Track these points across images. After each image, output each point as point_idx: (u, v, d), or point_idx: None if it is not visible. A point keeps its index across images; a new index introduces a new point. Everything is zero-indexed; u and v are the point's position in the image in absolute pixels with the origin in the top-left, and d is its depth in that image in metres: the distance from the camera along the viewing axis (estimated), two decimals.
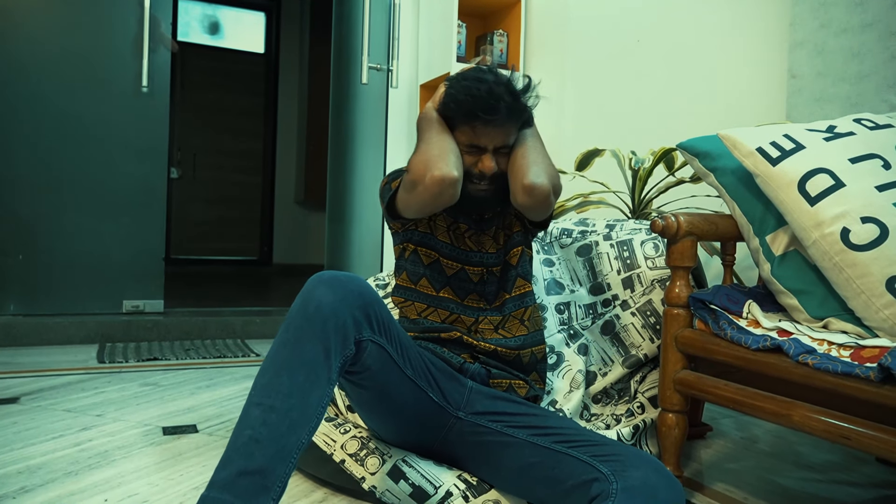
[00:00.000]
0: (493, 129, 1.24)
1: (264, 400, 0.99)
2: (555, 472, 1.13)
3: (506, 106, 1.22)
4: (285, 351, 1.03)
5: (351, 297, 1.07)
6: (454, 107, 1.25)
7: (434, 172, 1.19)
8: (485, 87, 1.21)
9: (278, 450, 0.97)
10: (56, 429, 1.72)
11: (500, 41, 3.24)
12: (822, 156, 1.31)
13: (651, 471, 1.04)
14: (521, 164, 1.26)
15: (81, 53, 3.00)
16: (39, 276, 2.95)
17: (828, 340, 1.18)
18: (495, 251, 1.40)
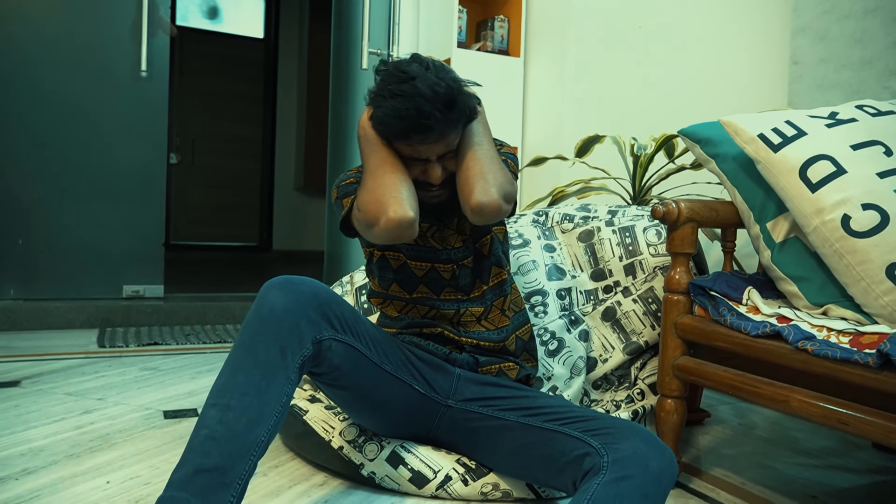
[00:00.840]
0: (431, 144, 1.15)
1: (220, 400, 1.00)
2: (548, 451, 1.14)
3: (439, 122, 1.11)
4: (241, 353, 1.04)
5: (304, 299, 1.08)
6: (384, 129, 1.16)
7: (389, 215, 1.11)
8: (412, 106, 1.09)
9: (236, 447, 0.97)
10: (57, 412, 1.72)
11: (500, 27, 3.22)
12: (823, 142, 1.30)
13: (641, 441, 1.04)
14: (467, 180, 1.17)
15: (80, 38, 2.98)
16: (39, 260, 2.94)
17: (827, 327, 1.18)
18: (462, 244, 1.33)
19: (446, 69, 1.16)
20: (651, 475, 1.00)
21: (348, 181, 1.30)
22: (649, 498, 0.99)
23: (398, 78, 1.12)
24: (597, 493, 0.98)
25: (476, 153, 1.18)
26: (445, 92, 1.10)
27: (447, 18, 3.07)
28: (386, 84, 1.13)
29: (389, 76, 1.13)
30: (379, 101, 1.14)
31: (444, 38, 3.07)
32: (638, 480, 0.99)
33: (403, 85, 1.10)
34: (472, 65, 3.04)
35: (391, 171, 1.16)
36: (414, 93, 1.09)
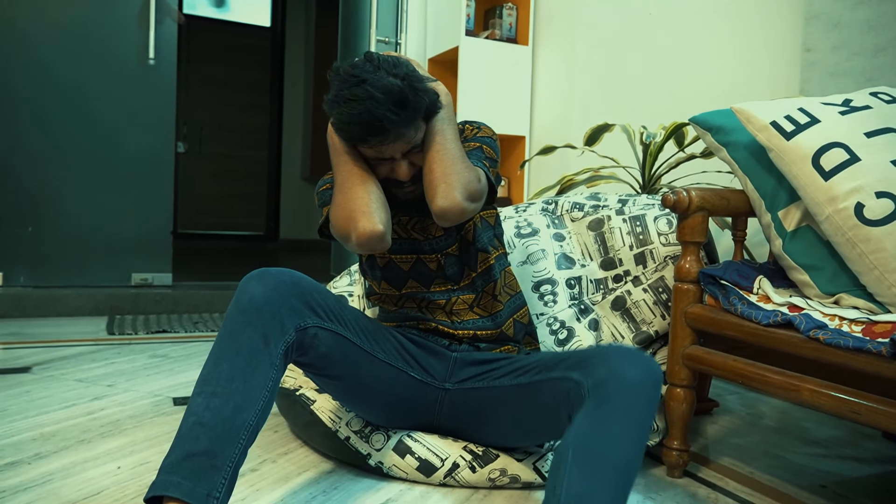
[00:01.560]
0: (391, 143, 1.14)
1: (205, 388, 1.01)
2: (541, 401, 1.15)
3: (393, 122, 1.10)
4: (223, 342, 1.04)
5: (283, 287, 1.08)
6: (343, 136, 1.16)
7: (359, 231, 1.12)
8: (364, 109, 1.07)
9: (224, 431, 0.98)
10: (68, 398, 1.74)
11: (509, 14, 3.20)
12: (837, 130, 1.29)
13: (616, 357, 1.03)
14: (429, 183, 1.16)
15: (88, 25, 2.97)
16: (49, 248, 2.96)
17: (839, 316, 1.17)
18: (444, 232, 1.32)
19: (401, 65, 1.12)
20: (630, 386, 0.98)
21: (325, 187, 1.31)
22: (632, 409, 0.97)
23: (349, 82, 1.09)
24: (579, 425, 0.97)
25: (438, 153, 1.16)
26: (398, 91, 1.08)
27: (455, 6, 3.05)
28: (339, 89, 1.11)
29: (342, 81, 1.11)
30: (334, 108, 1.12)
31: (453, 27, 3.05)
32: (618, 398, 0.98)
33: (355, 89, 1.08)
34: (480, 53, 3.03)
35: (359, 184, 1.16)
36: (365, 96, 1.07)
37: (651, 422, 1.00)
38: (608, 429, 0.96)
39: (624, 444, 0.95)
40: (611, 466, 0.93)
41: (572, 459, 0.93)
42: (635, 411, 0.97)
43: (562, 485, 0.92)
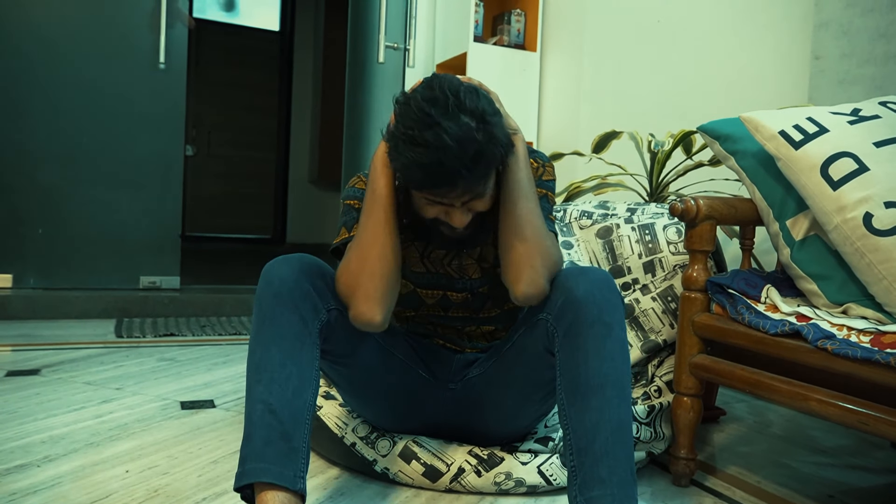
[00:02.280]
0: (456, 194, 1.03)
1: (263, 375, 1.02)
2: (528, 355, 1.15)
3: (464, 178, 0.98)
4: (265, 327, 1.05)
5: (307, 269, 1.09)
6: (405, 178, 1.03)
7: (358, 309, 1.07)
8: (434, 159, 0.95)
9: (291, 414, 1.01)
10: (77, 401, 1.75)
11: (517, 20, 3.20)
12: (845, 139, 1.29)
13: (567, 279, 1.06)
14: (513, 264, 1.08)
15: (100, 28, 3.00)
16: (58, 250, 2.98)
17: (847, 326, 1.17)
18: (481, 275, 1.25)
19: (480, 101, 0.99)
20: (583, 301, 1.01)
21: (352, 202, 1.22)
22: (596, 321, 1.00)
23: (422, 121, 0.96)
24: (560, 358, 1.02)
25: (520, 227, 1.07)
26: (473, 144, 0.96)
27: (464, 12, 3.06)
28: (406, 128, 0.97)
29: (410, 118, 0.98)
30: (399, 147, 0.99)
31: (461, 32, 3.06)
32: (576, 320, 1.01)
33: (427, 132, 0.95)
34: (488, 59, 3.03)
35: (378, 252, 1.07)
36: (438, 143, 0.94)
37: (618, 324, 1.02)
38: (581, 353, 1.00)
39: (599, 360, 0.99)
40: (596, 387, 0.98)
41: (566, 399, 1.00)
42: (598, 324, 1.00)
43: (568, 430, 0.99)
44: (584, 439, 0.97)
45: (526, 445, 1.35)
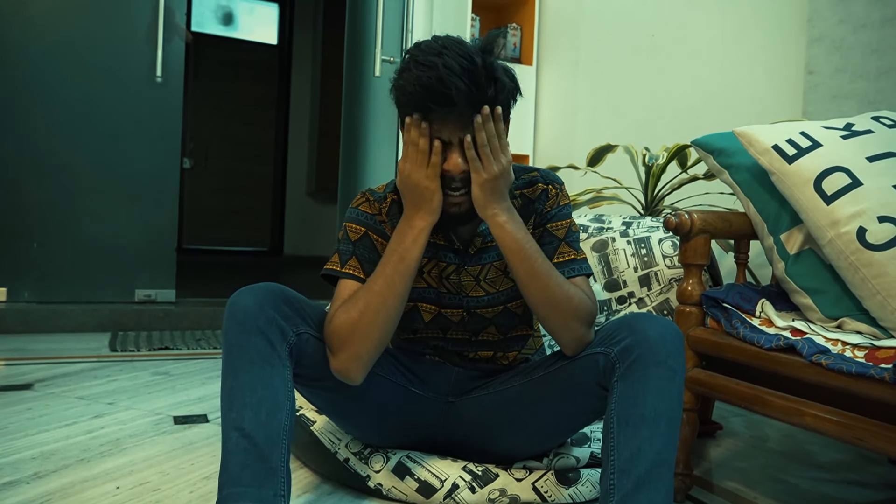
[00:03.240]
0: (453, 122, 1.05)
1: (234, 402, 1.02)
2: (569, 385, 1.15)
3: (460, 93, 1.02)
4: (234, 355, 1.05)
5: (273, 297, 1.08)
6: (405, 99, 1.06)
7: (340, 365, 1.08)
8: (434, 75, 1.01)
9: (266, 435, 1.00)
10: (69, 416, 1.73)
11: (513, 34, 3.22)
12: (839, 154, 1.29)
13: (636, 322, 1.06)
14: (551, 329, 1.13)
15: (97, 43, 3.01)
16: (53, 263, 2.97)
17: (842, 341, 1.17)
18: (488, 293, 1.23)
19: (490, 52, 1.06)
20: (653, 343, 1.02)
21: (351, 228, 1.20)
22: (659, 363, 1.01)
23: (429, 50, 1.04)
24: (615, 391, 1.03)
25: (543, 295, 1.10)
26: (473, 68, 1.02)
27: (460, 26, 3.07)
28: (413, 56, 1.05)
29: (421, 50, 1.06)
30: (403, 73, 1.06)
31: None
32: (645, 357, 1.02)
33: (432, 56, 1.03)
34: None
35: (383, 324, 1.08)
36: (440, 63, 1.01)
37: (680, 370, 1.04)
38: (642, 387, 1.01)
39: (659, 396, 1.01)
40: (651, 420, 0.99)
41: (616, 425, 1.01)
42: (663, 365, 1.02)
43: (613, 451, 1.00)
44: (629, 462, 0.99)
45: (521, 462, 1.34)
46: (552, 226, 1.21)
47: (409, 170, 1.08)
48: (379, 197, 1.23)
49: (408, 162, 1.08)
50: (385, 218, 1.22)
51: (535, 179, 1.23)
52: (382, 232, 1.21)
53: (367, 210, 1.22)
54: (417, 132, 1.06)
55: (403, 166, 1.09)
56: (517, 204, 1.22)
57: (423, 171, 1.07)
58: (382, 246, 1.19)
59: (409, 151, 1.08)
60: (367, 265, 1.16)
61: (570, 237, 1.20)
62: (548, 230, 1.20)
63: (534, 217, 1.22)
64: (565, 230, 1.20)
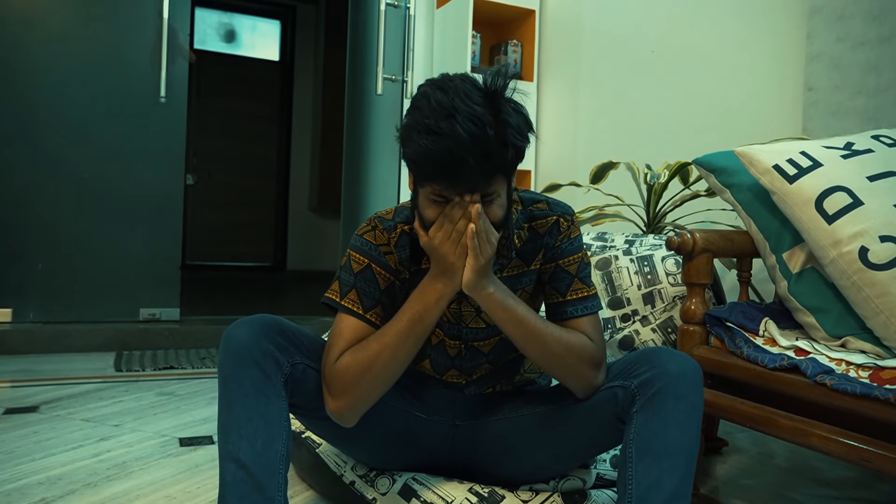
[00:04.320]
0: (462, 184, 1.01)
1: (231, 434, 1.03)
2: (585, 416, 1.15)
3: (471, 169, 0.97)
4: (229, 387, 1.06)
5: (268, 328, 1.09)
6: (413, 167, 1.03)
7: (336, 410, 1.09)
8: (444, 147, 0.95)
9: (263, 466, 1.01)
10: (75, 439, 1.74)
11: (514, 51, 3.25)
12: (839, 173, 1.30)
13: (655, 356, 1.07)
14: (561, 380, 1.15)
15: (102, 65, 3.04)
16: (58, 283, 2.98)
17: (846, 360, 1.17)
18: (487, 325, 1.22)
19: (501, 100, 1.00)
20: (674, 377, 1.03)
21: (354, 258, 1.17)
22: (680, 397, 1.02)
23: (438, 112, 0.97)
24: (635, 421, 1.03)
25: (546, 352, 1.10)
26: (484, 139, 0.96)
27: (461, 43, 3.10)
28: (424, 116, 0.98)
29: (430, 107, 0.99)
30: (413, 135, 0.99)
31: (458, 63, 3.10)
32: (666, 390, 1.03)
33: (443, 122, 0.96)
34: None
35: (387, 380, 1.10)
36: (450, 132, 0.95)
37: (700, 405, 1.05)
38: (662, 419, 1.02)
39: (679, 429, 1.01)
40: (671, 453, 1.00)
41: (635, 455, 1.01)
42: (684, 399, 1.03)
43: (630, 480, 1.00)
44: (647, 493, 0.99)
45: (527, 484, 1.34)
46: (564, 261, 1.19)
47: (440, 241, 1.04)
48: (388, 226, 1.19)
49: (440, 233, 1.04)
50: (392, 249, 1.19)
51: (545, 213, 1.20)
52: (386, 264, 1.18)
53: (372, 240, 1.18)
54: (460, 213, 1.03)
55: (435, 235, 1.05)
56: (523, 236, 1.20)
57: (454, 248, 1.04)
58: (384, 279, 1.17)
59: (444, 225, 1.04)
60: (367, 300, 1.15)
61: (582, 272, 1.20)
62: (560, 266, 1.19)
63: (542, 251, 1.20)
64: (577, 265, 1.19)
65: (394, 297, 1.18)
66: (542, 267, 1.21)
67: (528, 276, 1.22)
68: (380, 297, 1.16)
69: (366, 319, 1.14)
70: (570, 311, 1.18)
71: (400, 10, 3.16)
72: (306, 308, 3.86)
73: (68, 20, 3.00)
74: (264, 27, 6.56)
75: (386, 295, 1.17)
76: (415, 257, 1.19)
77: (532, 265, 1.21)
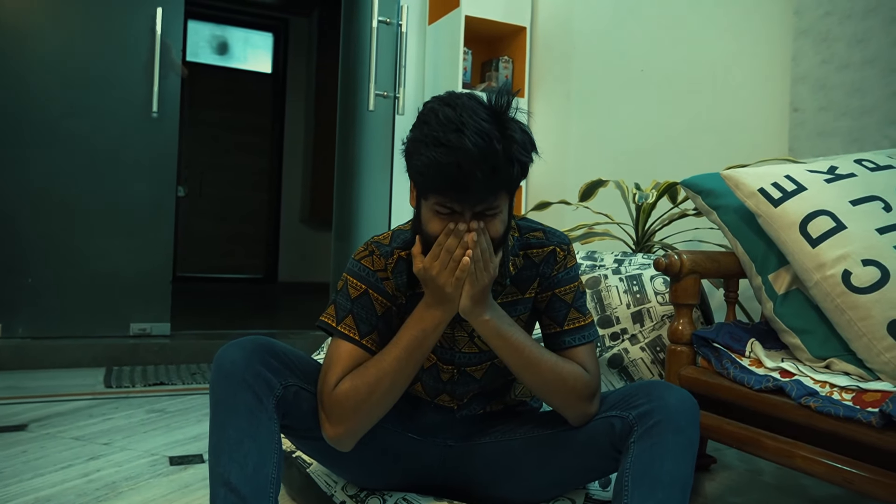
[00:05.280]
0: (468, 198, 1.02)
1: (221, 457, 1.04)
2: (581, 444, 1.16)
3: (479, 183, 0.98)
4: (220, 409, 1.06)
5: (261, 350, 1.10)
6: (420, 179, 1.03)
7: (334, 436, 1.10)
8: (452, 159, 0.96)
9: (253, 489, 1.02)
10: (65, 458, 1.73)
11: (505, 67, 3.28)
12: (823, 197, 1.32)
13: (654, 389, 1.09)
14: (556, 408, 1.16)
15: (94, 79, 3.04)
16: (48, 299, 2.97)
17: (829, 383, 1.19)
18: (480, 350, 1.22)
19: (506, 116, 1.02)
20: (673, 410, 1.05)
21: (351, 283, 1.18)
22: (678, 430, 1.04)
23: (446, 126, 0.98)
24: (632, 451, 1.04)
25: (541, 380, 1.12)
26: (492, 154, 0.97)
27: (453, 59, 3.13)
28: (432, 129, 1.00)
29: (438, 120, 1.00)
30: (420, 149, 1.00)
31: (450, 79, 3.13)
32: (664, 423, 1.04)
33: (451, 135, 0.97)
34: None
35: (387, 405, 1.11)
36: (458, 144, 0.96)
37: (696, 440, 1.06)
38: (659, 451, 1.03)
39: (675, 462, 1.03)
40: (667, 485, 1.01)
41: (631, 484, 1.03)
42: (682, 433, 1.04)
43: None
44: None
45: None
46: (560, 290, 1.20)
47: (437, 271, 1.05)
48: (385, 252, 1.19)
49: (436, 263, 1.05)
50: (389, 275, 1.19)
51: (542, 242, 1.21)
52: (383, 290, 1.18)
53: (369, 266, 1.18)
54: (456, 243, 1.04)
55: (431, 265, 1.06)
56: (519, 263, 1.21)
57: (451, 278, 1.05)
58: (381, 305, 1.18)
59: (440, 255, 1.05)
60: (364, 326, 1.16)
61: (578, 301, 1.21)
62: (556, 295, 1.20)
63: (538, 280, 1.21)
64: (573, 294, 1.21)
65: (390, 323, 1.19)
66: (538, 296, 1.22)
67: (522, 304, 1.23)
68: (376, 323, 1.17)
69: (362, 345, 1.14)
70: (568, 340, 1.19)
71: (392, 26, 3.18)
72: (298, 322, 3.86)
73: (60, 36, 3.01)
74: (257, 39, 6.58)
75: (382, 321, 1.18)
76: (412, 283, 1.19)
77: (527, 293, 1.22)
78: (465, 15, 3.08)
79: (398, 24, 3.17)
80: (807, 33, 1.97)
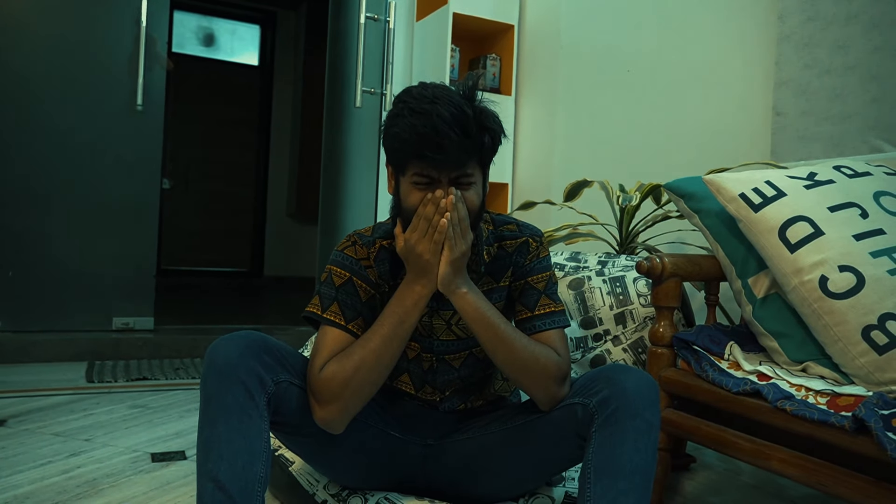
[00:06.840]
0: (444, 164, 1.10)
1: (211, 453, 1.04)
2: (548, 433, 1.17)
3: (453, 143, 1.07)
4: (212, 405, 1.06)
5: (253, 346, 1.10)
6: (398, 145, 1.11)
7: (326, 416, 1.11)
8: (428, 123, 1.06)
9: (241, 488, 1.02)
10: (44, 454, 1.72)
11: (492, 65, 3.28)
12: (802, 203, 1.34)
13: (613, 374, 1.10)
14: (526, 389, 1.18)
15: (78, 72, 3.01)
16: (29, 291, 2.94)
17: (805, 386, 1.21)
18: (458, 338, 1.26)
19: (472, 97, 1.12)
20: (631, 397, 1.06)
21: (335, 272, 1.21)
22: (637, 417, 1.05)
23: (421, 98, 1.10)
24: (596, 440, 1.06)
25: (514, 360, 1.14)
26: (465, 118, 1.08)
27: (440, 57, 3.12)
28: (407, 103, 1.10)
29: (413, 97, 1.11)
30: (397, 120, 1.10)
31: (437, 76, 3.12)
32: (622, 410, 1.05)
33: (426, 104, 1.08)
34: None
35: (375, 381, 1.13)
36: (435, 112, 1.07)
37: (657, 422, 1.07)
38: (619, 439, 1.04)
39: (635, 451, 1.04)
40: (628, 473, 1.03)
41: (593, 475, 1.04)
42: (639, 417, 1.05)
43: (588, 501, 1.03)
44: None
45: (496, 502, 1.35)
46: (533, 279, 1.24)
47: (416, 241, 1.11)
48: (367, 241, 1.24)
49: (415, 233, 1.11)
50: (372, 263, 1.23)
51: (515, 234, 1.27)
52: (366, 278, 1.22)
53: (352, 255, 1.23)
54: (433, 210, 1.10)
55: (410, 236, 1.12)
56: (493, 252, 1.25)
57: (429, 245, 1.11)
58: (365, 292, 1.21)
59: (419, 225, 1.11)
60: (349, 311, 1.18)
61: (550, 289, 1.24)
62: (528, 283, 1.24)
63: (511, 269, 1.26)
64: (545, 283, 1.24)
65: (375, 311, 1.21)
66: (512, 284, 1.25)
67: (498, 293, 1.26)
68: (361, 310, 1.19)
69: (348, 330, 1.17)
70: (539, 324, 1.22)
71: (380, 23, 3.17)
72: (284, 317, 3.85)
73: (44, 28, 2.97)
74: (244, 32, 6.53)
75: (367, 308, 1.21)
76: (394, 272, 1.23)
77: (501, 282, 1.26)
78: (452, 12, 3.07)
79: (386, 20, 3.16)
80: (789, 38, 2.00)
